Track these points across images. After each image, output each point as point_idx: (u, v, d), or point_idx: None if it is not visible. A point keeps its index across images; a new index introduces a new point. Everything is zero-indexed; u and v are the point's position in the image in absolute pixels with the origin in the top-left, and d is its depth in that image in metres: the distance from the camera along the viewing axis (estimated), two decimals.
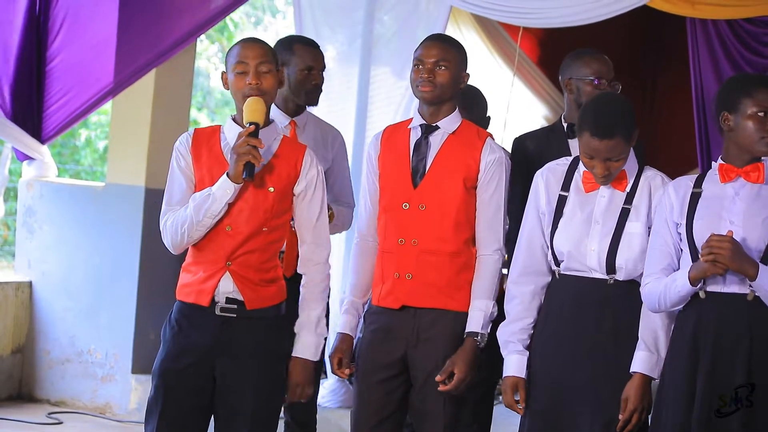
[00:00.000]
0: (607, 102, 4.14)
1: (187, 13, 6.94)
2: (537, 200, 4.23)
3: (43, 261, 7.18)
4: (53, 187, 7.24)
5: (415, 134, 4.38)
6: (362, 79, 7.22)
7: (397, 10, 7.08)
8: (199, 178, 4.07)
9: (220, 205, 3.96)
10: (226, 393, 4.05)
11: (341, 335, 4.41)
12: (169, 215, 4.07)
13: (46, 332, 7.15)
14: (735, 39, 5.86)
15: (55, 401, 7.11)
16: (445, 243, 4.29)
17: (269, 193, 4.05)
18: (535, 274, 4.21)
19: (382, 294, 4.35)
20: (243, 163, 3.91)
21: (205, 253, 4.06)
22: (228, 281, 4.03)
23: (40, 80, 7.06)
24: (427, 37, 4.43)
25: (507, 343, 4.20)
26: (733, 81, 4.08)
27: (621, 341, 4.06)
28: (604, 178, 4.07)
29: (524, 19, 6.67)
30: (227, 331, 4.03)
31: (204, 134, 4.16)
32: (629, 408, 3.99)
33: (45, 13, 7.03)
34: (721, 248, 3.73)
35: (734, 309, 3.83)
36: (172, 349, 4.06)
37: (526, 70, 9.26)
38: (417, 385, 4.30)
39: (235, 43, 4.12)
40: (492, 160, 4.31)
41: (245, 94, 4.02)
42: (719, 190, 3.93)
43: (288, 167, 4.10)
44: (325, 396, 7.02)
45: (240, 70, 4.03)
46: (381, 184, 4.41)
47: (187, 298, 4.08)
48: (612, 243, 4.06)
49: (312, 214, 4.15)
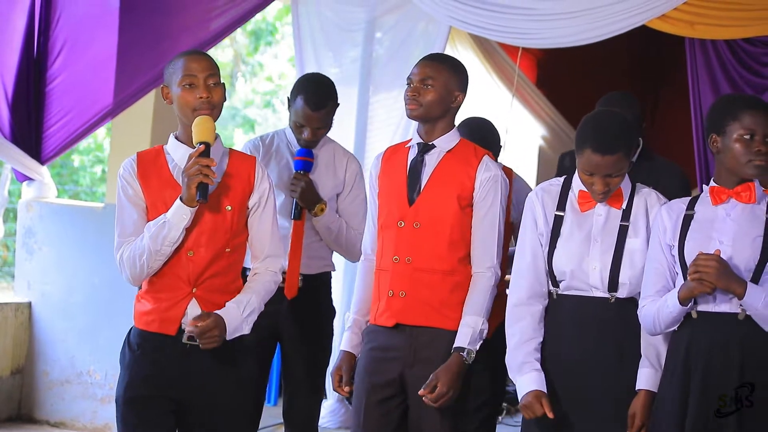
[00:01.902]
0: (608, 118, 4.13)
1: (187, 33, 6.95)
2: (534, 221, 4.22)
3: (42, 282, 7.17)
4: (53, 207, 7.24)
5: (412, 153, 4.39)
6: (361, 100, 7.23)
7: (395, 32, 7.10)
8: (151, 204, 3.95)
9: (178, 231, 3.85)
10: (196, 421, 3.99)
11: (343, 353, 4.40)
12: (124, 248, 3.95)
13: (46, 353, 7.14)
14: (734, 59, 5.87)
15: (55, 422, 7.09)
16: (439, 261, 4.28)
17: (227, 212, 3.97)
18: (541, 296, 4.18)
19: (378, 312, 4.34)
20: (196, 185, 3.80)
21: (166, 281, 3.95)
22: (195, 307, 3.94)
23: (40, 101, 7.07)
24: (424, 56, 4.43)
25: (522, 365, 4.11)
26: (721, 103, 4.08)
27: (625, 359, 4.07)
28: (603, 195, 4.07)
29: (523, 39, 6.67)
30: (193, 359, 3.94)
31: (148, 157, 4.02)
32: (637, 424, 4.00)
33: (45, 34, 7.05)
34: (707, 267, 3.74)
35: (725, 328, 3.84)
36: (135, 376, 3.96)
37: (525, 91, 9.28)
38: (414, 405, 4.28)
39: (177, 57, 4.00)
40: (487, 178, 4.30)
41: (196, 109, 3.90)
42: (711, 212, 3.96)
43: (242, 182, 4.02)
44: (325, 416, 7.01)
45: (188, 83, 3.91)
46: (379, 204, 4.42)
47: (149, 326, 3.96)
48: (614, 260, 4.06)
49: (266, 226, 4.08)
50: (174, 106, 3.98)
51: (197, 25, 6.96)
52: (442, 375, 4.17)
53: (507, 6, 6.36)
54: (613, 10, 6.08)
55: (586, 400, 4.06)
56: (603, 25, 6.16)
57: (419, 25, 6.95)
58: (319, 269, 5.18)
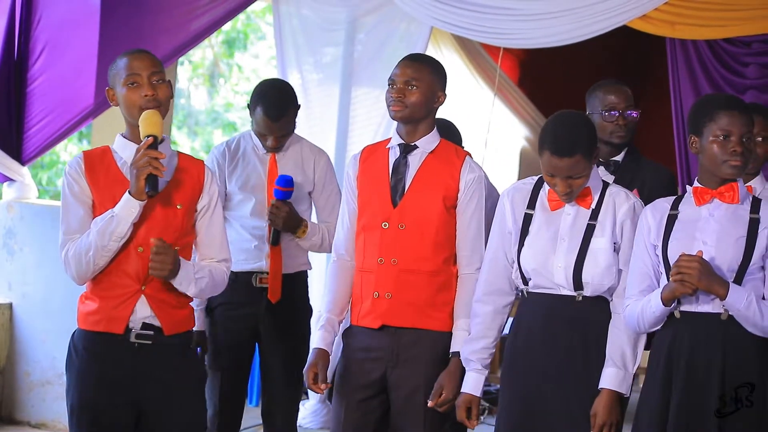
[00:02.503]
0: (567, 120, 4.14)
1: (167, 34, 6.95)
2: (503, 220, 4.25)
3: (23, 282, 7.15)
4: (34, 208, 7.21)
5: (393, 154, 4.38)
6: (343, 100, 7.23)
7: (377, 31, 7.10)
8: (99, 202, 3.90)
9: (126, 225, 3.80)
10: (150, 423, 3.94)
11: (317, 350, 4.36)
12: (69, 245, 3.89)
13: (27, 354, 7.11)
14: (714, 59, 5.88)
15: (36, 423, 7.07)
16: (424, 262, 4.29)
17: (178, 210, 3.94)
18: (497, 294, 4.23)
19: (362, 314, 4.34)
20: (144, 176, 3.76)
21: (113, 278, 3.89)
22: (144, 306, 3.90)
23: (21, 101, 7.04)
24: (404, 56, 4.42)
25: (467, 361, 4.23)
26: (699, 104, 4.10)
27: (591, 358, 4.08)
28: (567, 196, 4.09)
29: (504, 39, 6.68)
30: (143, 359, 3.90)
31: (95, 156, 3.98)
32: (598, 423, 4.02)
33: (26, 34, 7.02)
34: (689, 268, 3.76)
35: (708, 328, 3.85)
36: (86, 381, 3.90)
37: (507, 91, 9.29)
38: (397, 405, 4.29)
39: (120, 56, 3.97)
40: (472, 179, 4.32)
41: (142, 107, 3.87)
42: (694, 212, 3.96)
43: (192, 182, 4.00)
44: (306, 417, 7.02)
45: (132, 81, 3.89)
46: (360, 204, 4.40)
47: (95, 326, 3.91)
48: (578, 259, 4.08)
49: (216, 229, 4.06)
50: (120, 107, 3.97)
51: (178, 26, 6.95)
52: (447, 382, 4.22)
53: (488, 6, 6.36)
54: (594, 11, 6.09)
55: (551, 398, 4.08)
56: (584, 26, 6.17)
57: (401, 25, 6.96)
58: (295, 268, 5.20)
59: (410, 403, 4.25)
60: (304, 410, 6.89)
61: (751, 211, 3.93)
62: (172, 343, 3.94)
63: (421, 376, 4.26)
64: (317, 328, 4.41)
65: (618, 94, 4.92)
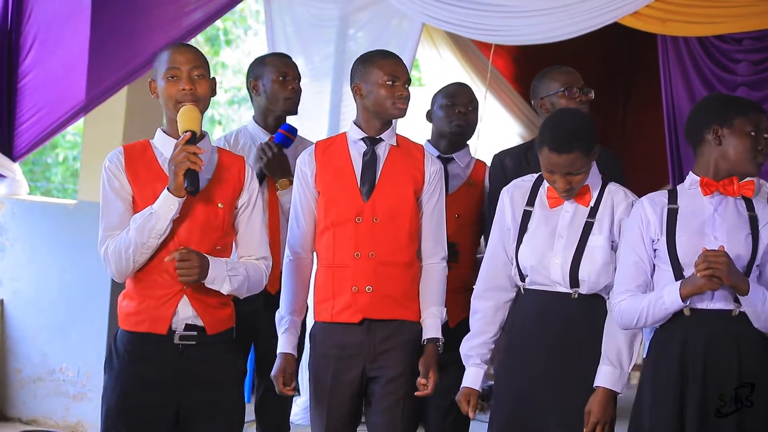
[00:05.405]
0: (565, 117, 4.17)
1: (159, 30, 6.93)
2: (503, 217, 4.28)
3: (14, 279, 7.15)
4: (25, 205, 7.21)
5: (356, 148, 4.38)
6: (334, 96, 7.23)
7: (369, 28, 7.10)
8: (141, 198, 3.85)
9: (165, 222, 3.75)
10: (192, 424, 3.91)
11: (285, 355, 4.35)
12: (108, 242, 3.83)
13: (18, 351, 7.11)
14: (706, 56, 5.89)
15: (27, 420, 7.07)
16: (400, 254, 4.32)
17: (219, 209, 3.90)
18: (497, 290, 4.26)
19: (336, 309, 4.31)
20: (182, 172, 3.72)
21: (155, 277, 3.85)
22: (186, 306, 3.86)
23: (12, 97, 7.03)
24: (388, 53, 4.41)
25: (468, 357, 4.29)
26: (724, 98, 4.14)
27: (585, 355, 4.09)
28: (566, 193, 4.10)
29: (496, 36, 6.68)
30: (186, 361, 3.87)
31: (135, 150, 3.93)
32: (592, 421, 4.03)
33: (17, 30, 7.01)
34: (718, 263, 3.72)
35: (722, 325, 3.84)
36: (127, 384, 3.85)
37: (499, 87, 9.29)
38: (377, 395, 4.30)
39: (162, 49, 3.94)
40: (434, 171, 4.39)
41: (179, 101, 3.84)
42: (697, 206, 3.95)
43: (232, 180, 3.97)
44: (299, 414, 7.01)
45: (172, 75, 3.85)
46: (324, 201, 4.36)
47: (138, 327, 3.85)
48: (575, 256, 4.09)
49: (255, 227, 4.02)
50: (160, 100, 3.92)
51: (169, 22, 6.93)
52: (431, 366, 4.26)
53: (480, 3, 6.36)
54: (585, 7, 6.09)
55: (545, 394, 4.09)
56: (576, 22, 6.17)
57: (392, 21, 6.95)
58: None
59: (388, 389, 4.27)
60: (297, 407, 6.88)
61: (747, 209, 3.94)
62: (215, 342, 3.92)
63: (399, 364, 4.28)
64: (281, 332, 4.39)
65: (570, 74, 4.89)
